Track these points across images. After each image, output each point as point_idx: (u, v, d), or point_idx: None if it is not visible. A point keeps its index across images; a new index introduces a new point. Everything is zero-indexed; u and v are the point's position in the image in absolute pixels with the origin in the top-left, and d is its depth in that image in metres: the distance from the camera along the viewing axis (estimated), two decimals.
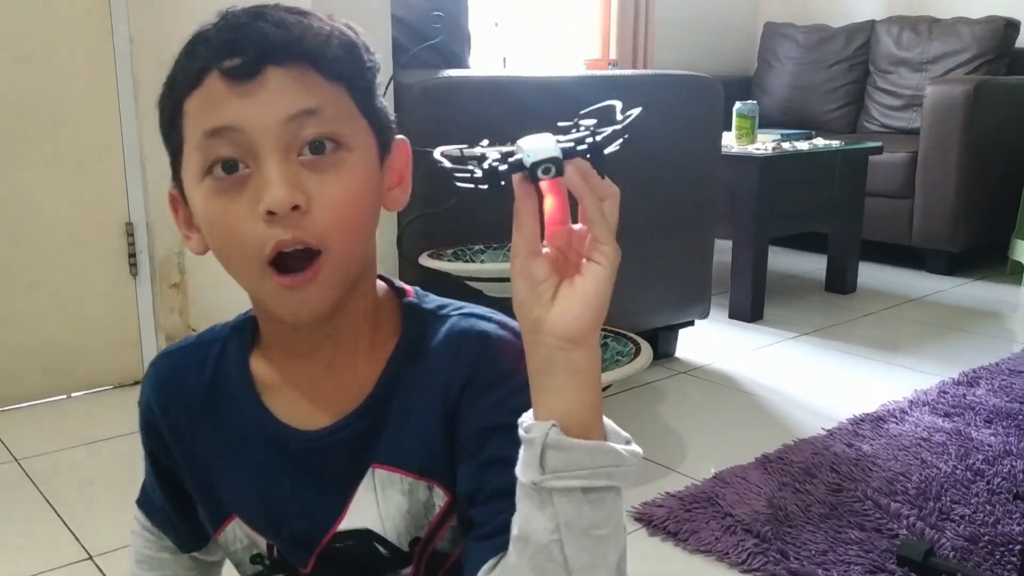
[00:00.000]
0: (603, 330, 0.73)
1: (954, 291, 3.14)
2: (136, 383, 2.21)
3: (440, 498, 0.67)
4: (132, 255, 2.16)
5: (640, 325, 2.12)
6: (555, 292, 0.56)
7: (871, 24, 4.03)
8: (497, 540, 0.60)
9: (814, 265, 3.36)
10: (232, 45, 0.60)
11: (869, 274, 3.30)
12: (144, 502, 0.84)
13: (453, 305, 0.72)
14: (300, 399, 0.70)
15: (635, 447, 0.57)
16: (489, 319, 0.69)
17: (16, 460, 1.77)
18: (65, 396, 2.12)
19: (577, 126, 0.55)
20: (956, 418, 1.94)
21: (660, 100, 2.15)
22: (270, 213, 0.59)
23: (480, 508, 0.63)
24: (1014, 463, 1.70)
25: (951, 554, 1.39)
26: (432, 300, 0.73)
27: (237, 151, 0.60)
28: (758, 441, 1.82)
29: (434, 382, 0.67)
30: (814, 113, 4.12)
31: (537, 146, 0.53)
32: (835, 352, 2.46)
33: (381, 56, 0.68)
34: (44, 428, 1.94)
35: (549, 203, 0.55)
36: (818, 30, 4.18)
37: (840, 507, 1.55)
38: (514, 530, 0.58)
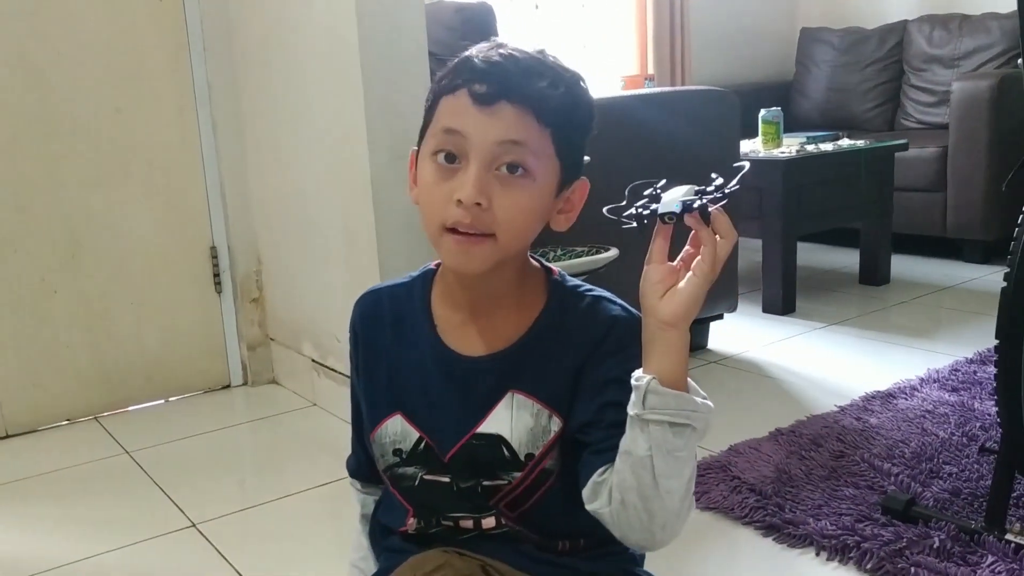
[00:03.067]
0: None
1: (988, 278, 3.25)
2: (224, 387, 2.51)
3: (556, 425, 0.88)
4: (216, 275, 2.47)
5: None
6: (665, 292, 0.79)
7: (903, 24, 4.15)
8: (608, 455, 0.83)
9: (849, 260, 3.50)
10: (483, 75, 0.81)
11: (905, 266, 3.44)
12: (354, 471, 1.07)
13: (586, 286, 0.94)
14: (464, 334, 0.92)
15: (708, 402, 0.80)
16: (614, 303, 0.92)
17: (127, 452, 2.08)
18: (163, 400, 2.43)
19: (711, 181, 0.79)
20: (963, 392, 2.09)
21: (682, 114, 2.36)
22: (459, 202, 0.80)
23: (597, 433, 0.85)
24: None
25: (932, 504, 1.56)
26: (571, 280, 0.95)
27: (457, 149, 0.82)
28: (774, 418, 2.00)
29: (572, 340, 0.89)
30: (852, 113, 4.25)
31: (669, 199, 0.79)
32: (859, 339, 2.63)
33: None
34: (148, 427, 2.25)
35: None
36: (852, 32, 4.31)
37: (839, 470, 1.73)
38: (621, 447, 0.81)
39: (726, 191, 0.78)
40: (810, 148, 2.98)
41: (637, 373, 0.80)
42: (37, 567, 1.59)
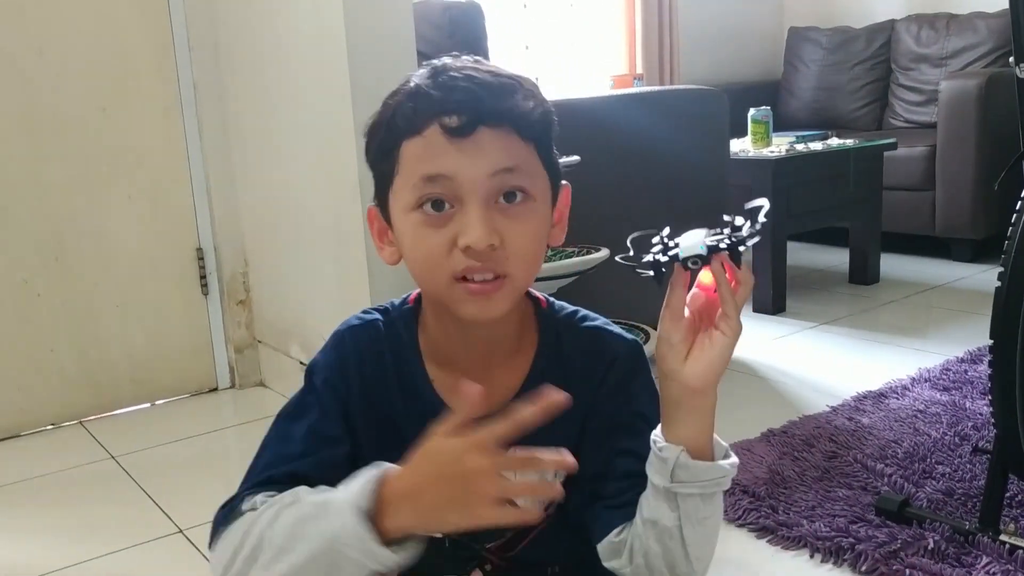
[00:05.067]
0: (617, 322, 0.91)
1: (977, 277, 3.25)
2: (211, 390, 2.48)
3: (562, 476, 0.81)
4: (203, 277, 2.44)
5: None
6: (688, 351, 0.72)
7: (891, 23, 4.15)
8: (625, 511, 0.78)
9: (839, 259, 3.50)
10: (452, 105, 0.71)
11: (894, 265, 3.44)
12: (267, 484, 0.86)
13: (580, 314, 0.87)
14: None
15: (733, 458, 0.75)
16: (611, 332, 0.85)
17: (113, 457, 2.05)
18: (150, 404, 2.40)
19: (726, 223, 0.71)
20: (954, 392, 2.09)
21: (671, 113, 2.35)
22: (467, 248, 0.71)
23: (610, 486, 0.80)
24: None
25: (926, 505, 1.56)
26: (560, 308, 0.86)
27: (446, 194, 0.72)
28: (766, 418, 1.99)
29: (573, 382, 0.80)
30: (840, 112, 4.25)
31: (690, 243, 0.71)
32: (849, 338, 2.62)
33: None
34: (135, 431, 2.22)
35: (701, 276, 0.73)
36: (841, 32, 4.32)
37: (832, 471, 1.72)
38: (644, 514, 0.75)
39: (752, 230, 0.70)
40: (799, 147, 2.98)
41: (661, 441, 0.73)
42: (21, 574, 1.56)
